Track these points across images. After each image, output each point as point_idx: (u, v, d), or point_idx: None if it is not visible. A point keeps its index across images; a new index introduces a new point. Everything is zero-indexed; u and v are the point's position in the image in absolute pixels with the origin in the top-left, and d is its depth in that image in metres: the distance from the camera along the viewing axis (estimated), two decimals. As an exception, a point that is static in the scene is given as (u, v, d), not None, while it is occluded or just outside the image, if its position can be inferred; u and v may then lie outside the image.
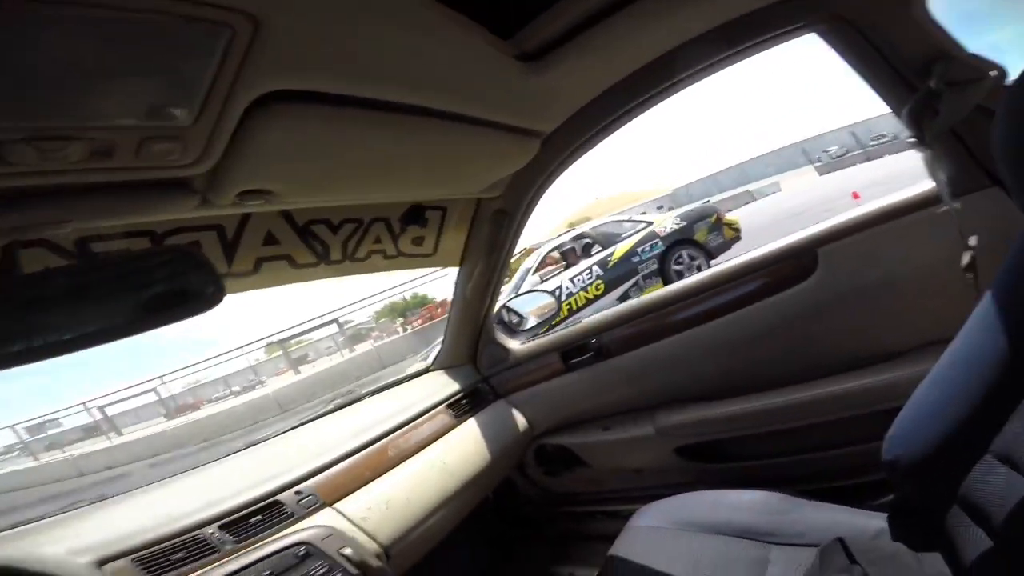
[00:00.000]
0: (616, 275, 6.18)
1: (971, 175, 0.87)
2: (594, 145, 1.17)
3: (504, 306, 1.60)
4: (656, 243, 6.38)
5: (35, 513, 0.95)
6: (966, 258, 0.75)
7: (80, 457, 13.12)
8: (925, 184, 0.95)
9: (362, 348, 14.97)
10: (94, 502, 0.99)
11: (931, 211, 0.94)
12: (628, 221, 7.14)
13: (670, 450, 1.32)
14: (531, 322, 1.62)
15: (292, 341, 18.86)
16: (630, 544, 0.90)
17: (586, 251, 6.90)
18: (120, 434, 14.56)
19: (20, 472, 14.02)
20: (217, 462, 1.15)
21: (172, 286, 0.69)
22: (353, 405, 1.41)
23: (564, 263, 6.98)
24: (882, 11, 0.82)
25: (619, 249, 6.41)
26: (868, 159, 22.07)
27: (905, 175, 1.28)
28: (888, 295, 1.04)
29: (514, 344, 1.53)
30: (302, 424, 1.32)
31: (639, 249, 6.36)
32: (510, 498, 1.71)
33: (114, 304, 0.65)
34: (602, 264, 6.36)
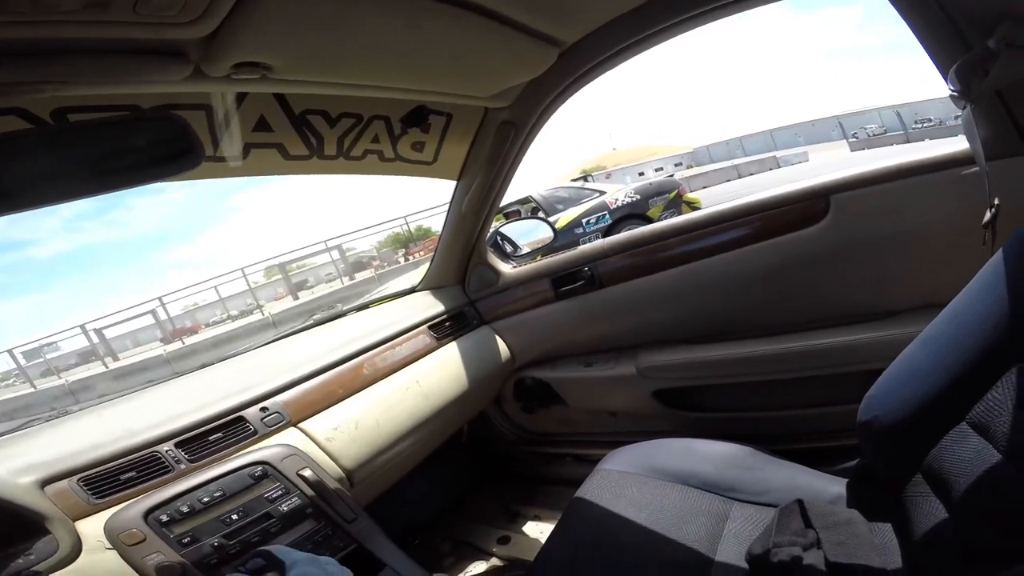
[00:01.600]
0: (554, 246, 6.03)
1: (1008, 139, 0.84)
2: (612, 67, 1.10)
3: (498, 232, 1.56)
4: (604, 215, 6.03)
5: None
6: (987, 215, 0.73)
7: (76, 383, 12.77)
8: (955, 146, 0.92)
9: (363, 275, 15.02)
10: (52, 418, 0.96)
11: (957, 172, 0.92)
12: (585, 189, 6.78)
13: (648, 393, 1.34)
14: (524, 251, 1.59)
15: (293, 265, 19.01)
16: (596, 487, 0.91)
17: (532, 216, 6.57)
18: (116, 359, 14.45)
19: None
20: (187, 375, 1.13)
21: (148, 149, 0.67)
22: (333, 321, 1.39)
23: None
24: None
25: (563, 218, 6.05)
26: (907, 141, 21.36)
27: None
28: (896, 252, 1.03)
29: (505, 268, 1.51)
30: (279, 339, 1.30)
31: (584, 220, 6.01)
32: (483, 434, 1.73)
33: (86, 162, 0.64)
34: None
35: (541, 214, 6.28)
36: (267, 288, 20.03)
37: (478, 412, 1.61)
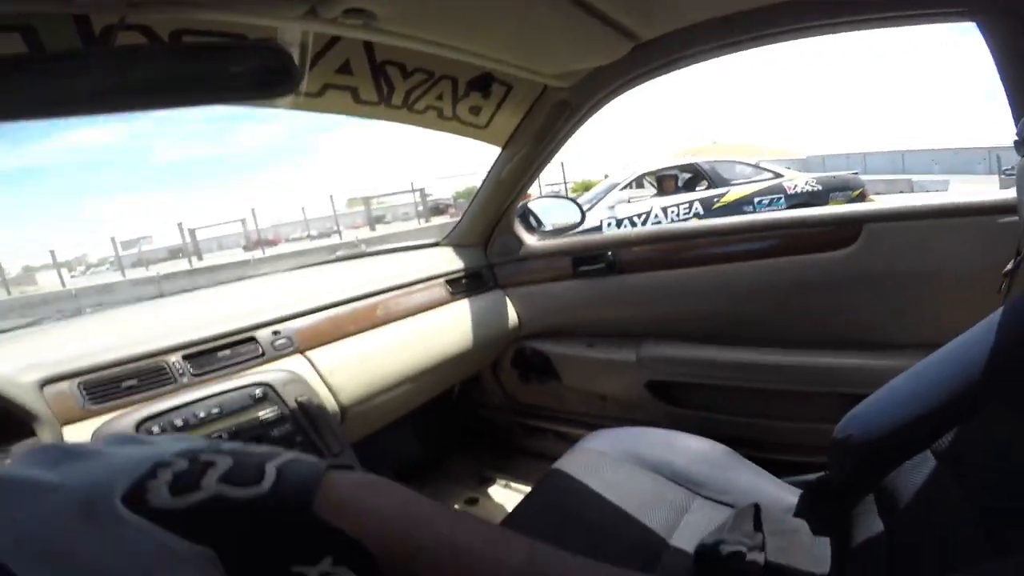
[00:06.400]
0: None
1: None
2: (683, 67, 1.13)
3: (525, 205, 1.61)
4: (779, 199, 5.83)
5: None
6: (1011, 264, 0.73)
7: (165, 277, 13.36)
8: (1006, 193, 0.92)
9: (437, 220, 15.33)
10: (65, 317, 1.00)
11: (993, 219, 0.94)
12: (751, 166, 6.48)
13: (642, 382, 1.39)
14: (546, 229, 1.63)
15: (375, 200, 19.99)
16: (574, 462, 0.95)
17: (689, 185, 6.43)
18: (200, 259, 15.22)
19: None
20: (205, 289, 1.17)
21: (248, 74, 0.76)
22: (356, 260, 1.47)
23: (657, 189, 6.52)
24: None
25: (733, 193, 5.87)
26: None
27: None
28: (916, 288, 1.06)
29: (529, 239, 1.57)
30: (302, 268, 1.37)
31: (756, 200, 5.84)
32: (473, 396, 1.81)
33: (192, 78, 0.74)
34: (706, 203, 5.90)
35: (703, 183, 6.22)
36: (348, 217, 21.26)
37: (475, 373, 1.69)
